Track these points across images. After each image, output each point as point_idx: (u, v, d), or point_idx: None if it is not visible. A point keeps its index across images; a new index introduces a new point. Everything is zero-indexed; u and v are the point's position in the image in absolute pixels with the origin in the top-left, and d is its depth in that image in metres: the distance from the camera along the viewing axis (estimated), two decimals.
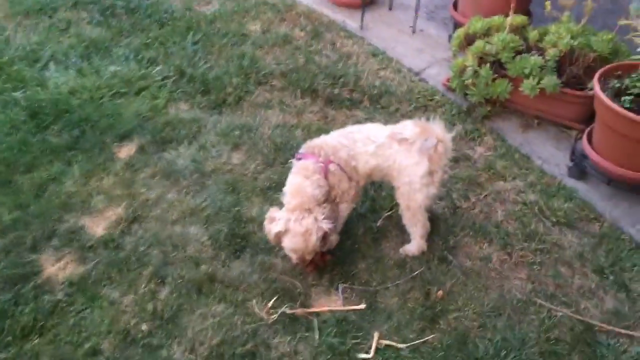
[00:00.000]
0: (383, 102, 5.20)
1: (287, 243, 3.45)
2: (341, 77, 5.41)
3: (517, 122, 5.09)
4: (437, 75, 5.62)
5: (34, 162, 4.42)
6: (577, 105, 4.85)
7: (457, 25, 5.84)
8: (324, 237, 3.46)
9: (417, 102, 5.22)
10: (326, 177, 3.57)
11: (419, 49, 6.06)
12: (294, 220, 3.39)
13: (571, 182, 4.49)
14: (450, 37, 6.04)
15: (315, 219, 3.40)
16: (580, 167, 4.49)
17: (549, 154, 4.77)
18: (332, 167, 3.58)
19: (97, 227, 3.99)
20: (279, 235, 3.45)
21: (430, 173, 3.59)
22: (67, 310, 3.47)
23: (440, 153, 3.58)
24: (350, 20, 6.42)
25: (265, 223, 3.52)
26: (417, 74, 5.65)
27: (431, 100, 5.26)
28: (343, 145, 3.63)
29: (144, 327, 3.39)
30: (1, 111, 4.86)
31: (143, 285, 3.61)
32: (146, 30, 6.04)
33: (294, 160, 3.68)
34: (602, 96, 4.08)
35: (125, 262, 3.75)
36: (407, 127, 3.61)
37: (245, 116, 5.00)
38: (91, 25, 6.13)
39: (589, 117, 4.79)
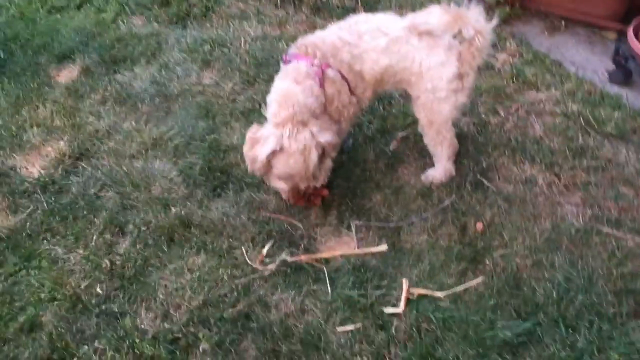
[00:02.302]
0: (381, 8, 4.32)
1: (282, 167, 2.60)
2: None
3: (541, 25, 4.29)
4: None
5: None
6: (613, 0, 4.05)
7: None
8: (322, 157, 2.63)
9: (421, 7, 4.30)
10: (322, 86, 2.69)
11: None
12: (288, 137, 2.53)
13: (615, 89, 3.73)
14: None
15: (312, 134, 2.55)
16: (625, 71, 3.73)
17: (583, 59, 4.00)
18: (330, 72, 2.71)
19: (31, 166, 3.12)
20: (270, 159, 2.59)
21: (460, 76, 2.76)
22: None
23: (477, 49, 2.74)
24: None
25: (246, 149, 2.64)
26: None
27: (438, 3, 4.38)
28: (345, 43, 2.75)
29: (99, 289, 2.58)
30: None
31: (95, 237, 2.78)
32: None
33: (282, 65, 2.81)
34: None
35: (70, 208, 2.90)
36: (433, 15, 2.73)
37: (216, 29, 4.10)
38: None
39: (627, 14, 4.04)
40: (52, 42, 3.84)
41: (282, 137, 2.52)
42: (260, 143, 2.58)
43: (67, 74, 3.67)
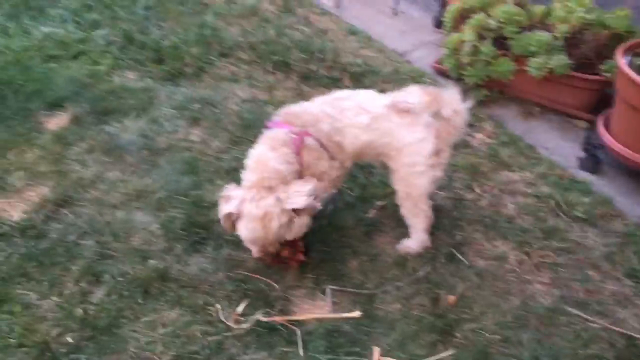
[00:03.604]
0: (366, 82, 4.52)
1: (242, 230, 2.67)
2: (318, 52, 4.70)
3: (517, 109, 4.50)
4: (424, 58, 5.01)
5: None
6: (586, 92, 4.30)
7: (443, 4, 5.24)
8: (290, 222, 2.67)
9: (405, 83, 4.49)
10: (299, 153, 2.78)
11: (402, 31, 5.43)
12: (250, 201, 2.60)
13: (583, 175, 3.90)
14: (435, 18, 5.47)
15: (278, 199, 2.61)
16: (594, 159, 3.92)
17: (555, 145, 4.19)
18: (308, 140, 2.80)
19: (13, 210, 3.11)
20: (231, 218, 2.67)
21: (437, 152, 2.90)
22: None
23: (454, 127, 2.90)
24: None
25: (220, 203, 2.72)
26: (401, 55, 5.00)
27: (420, 82, 4.60)
28: (327, 115, 2.87)
29: (70, 339, 2.53)
30: None
31: (70, 284, 2.76)
32: None
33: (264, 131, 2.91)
34: (629, 71, 3.50)
35: (48, 254, 2.88)
36: (413, 95, 2.89)
37: (207, 89, 4.22)
38: None
39: (596, 106, 4.29)
40: (45, 89, 3.89)
41: (244, 201, 2.60)
42: (227, 202, 2.67)
43: (57, 122, 3.72)
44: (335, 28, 5.23)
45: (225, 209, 2.65)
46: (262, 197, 2.59)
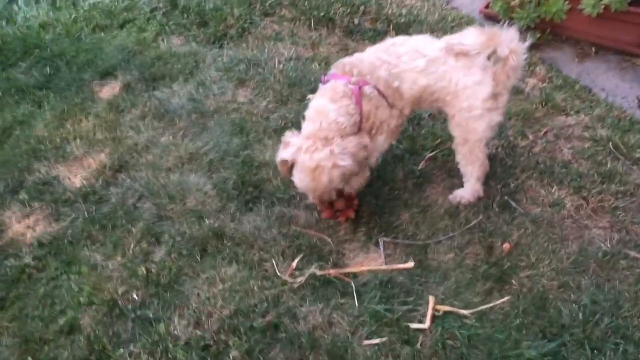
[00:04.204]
0: (412, 32, 4.40)
1: (295, 179, 2.69)
2: (361, 5, 4.61)
3: (571, 51, 4.31)
4: (471, 4, 4.84)
5: None
6: None
7: None
8: (345, 177, 2.68)
9: (453, 31, 4.40)
10: (359, 103, 2.77)
11: None
12: (305, 151, 2.60)
13: None
14: None
15: (332, 153, 2.59)
16: None
17: (613, 86, 4.01)
18: (367, 89, 2.77)
19: (74, 177, 3.25)
20: (287, 164, 2.69)
21: (495, 96, 2.80)
22: (37, 278, 2.77)
23: (511, 68, 2.78)
24: None
25: (281, 148, 2.74)
26: (447, 2, 4.85)
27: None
28: (383, 62, 2.82)
29: (135, 296, 2.67)
30: None
31: (132, 245, 2.88)
32: None
33: (320, 85, 2.90)
34: None
35: (109, 217, 3.01)
36: (469, 36, 2.78)
37: (251, 49, 4.23)
38: None
39: None
40: (96, 59, 4.02)
41: (299, 150, 2.61)
42: (285, 148, 2.69)
43: (109, 90, 3.83)
44: None
45: (281, 155, 2.68)
46: (317, 149, 2.60)
